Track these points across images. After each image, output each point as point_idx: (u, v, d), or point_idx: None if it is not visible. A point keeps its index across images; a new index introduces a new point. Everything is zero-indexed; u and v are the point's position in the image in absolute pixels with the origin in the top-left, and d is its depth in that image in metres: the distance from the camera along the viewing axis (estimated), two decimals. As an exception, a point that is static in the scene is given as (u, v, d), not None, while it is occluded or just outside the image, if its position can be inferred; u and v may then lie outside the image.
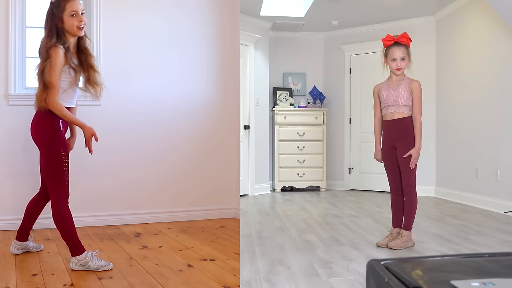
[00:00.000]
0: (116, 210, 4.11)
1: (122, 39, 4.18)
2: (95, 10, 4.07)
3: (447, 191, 6.07)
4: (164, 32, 4.32)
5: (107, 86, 4.10)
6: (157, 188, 4.26)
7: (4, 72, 3.84)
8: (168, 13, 4.34)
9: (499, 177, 4.97)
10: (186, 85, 4.39)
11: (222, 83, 4.55)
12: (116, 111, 4.13)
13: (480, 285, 0.76)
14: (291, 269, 2.70)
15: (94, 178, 4.05)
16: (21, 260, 2.83)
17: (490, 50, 5.17)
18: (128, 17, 4.21)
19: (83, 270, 2.63)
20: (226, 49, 4.58)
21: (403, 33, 3.26)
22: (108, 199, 4.09)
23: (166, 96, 4.31)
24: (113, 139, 4.11)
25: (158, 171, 4.27)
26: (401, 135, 3.25)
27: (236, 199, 4.56)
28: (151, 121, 4.25)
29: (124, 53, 4.18)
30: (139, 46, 4.23)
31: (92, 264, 2.67)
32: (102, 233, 3.71)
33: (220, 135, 4.53)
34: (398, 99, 3.24)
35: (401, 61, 3.22)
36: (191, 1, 4.43)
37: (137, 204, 4.19)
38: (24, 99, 3.86)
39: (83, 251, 2.68)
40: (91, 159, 4.01)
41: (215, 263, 2.84)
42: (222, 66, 4.55)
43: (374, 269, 0.92)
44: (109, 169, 4.10)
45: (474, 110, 5.47)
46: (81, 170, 3.93)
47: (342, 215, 4.79)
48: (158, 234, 3.69)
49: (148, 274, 2.58)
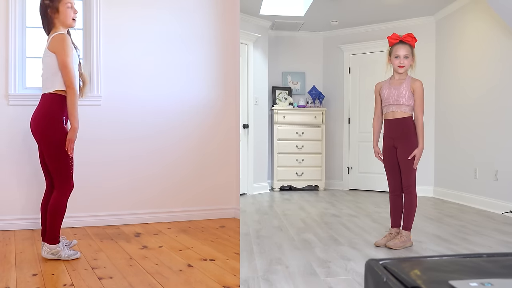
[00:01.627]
0: (116, 210, 4.10)
1: (122, 39, 4.17)
2: (95, 10, 4.06)
3: (446, 191, 6.08)
4: (163, 32, 4.31)
5: (107, 86, 4.13)
6: (157, 188, 4.26)
7: (4, 72, 3.83)
8: (168, 13, 4.34)
9: (498, 178, 4.97)
10: (185, 85, 4.39)
11: (221, 83, 4.54)
12: (116, 111, 4.12)
13: (479, 285, 0.76)
14: (289, 268, 2.71)
15: (94, 178, 4.04)
16: (21, 260, 2.83)
17: (490, 51, 5.18)
18: (128, 16, 4.20)
19: (83, 270, 2.63)
20: (226, 48, 4.58)
21: (409, 33, 3.29)
22: (108, 199, 4.08)
23: (166, 96, 4.31)
24: (113, 139, 4.10)
25: (158, 171, 4.27)
26: (401, 135, 3.24)
27: (236, 199, 4.56)
28: (151, 121, 4.25)
29: (124, 53, 4.17)
30: (138, 45, 4.23)
31: (63, 253, 2.78)
32: (102, 233, 3.70)
33: (220, 135, 4.52)
34: (399, 99, 3.23)
35: (404, 59, 3.23)
36: (191, 0, 4.43)
37: (137, 204, 4.18)
38: (24, 99, 3.85)
39: (58, 243, 2.77)
40: (91, 159, 4.01)
41: (215, 263, 2.83)
42: (222, 66, 4.55)
43: (372, 268, 0.92)
44: (109, 169, 4.10)
45: (473, 110, 5.48)
46: (81, 170, 3.92)
47: (340, 214, 4.79)
48: (158, 234, 3.68)
49: (148, 274, 2.58)
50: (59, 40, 2.69)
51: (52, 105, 2.71)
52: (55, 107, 2.71)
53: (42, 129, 2.71)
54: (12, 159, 3.83)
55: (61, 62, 2.68)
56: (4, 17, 3.84)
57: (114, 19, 4.14)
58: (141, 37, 4.24)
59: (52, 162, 2.74)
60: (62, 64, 2.68)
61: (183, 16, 4.39)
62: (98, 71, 4.05)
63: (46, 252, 2.76)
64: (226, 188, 4.54)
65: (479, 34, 5.40)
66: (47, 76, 2.75)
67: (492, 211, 4.97)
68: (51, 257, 2.76)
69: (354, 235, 3.72)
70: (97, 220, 4.01)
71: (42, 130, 2.71)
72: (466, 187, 5.59)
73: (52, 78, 2.72)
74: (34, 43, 3.95)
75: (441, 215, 4.77)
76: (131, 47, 4.20)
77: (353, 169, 7.25)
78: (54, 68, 2.71)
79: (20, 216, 3.81)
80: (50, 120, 2.71)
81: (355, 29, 7.18)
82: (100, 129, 4.07)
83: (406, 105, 3.23)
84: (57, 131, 2.72)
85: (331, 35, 7.46)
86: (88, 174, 4.02)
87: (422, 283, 0.79)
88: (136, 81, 4.21)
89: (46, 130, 2.71)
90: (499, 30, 4.99)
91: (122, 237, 3.54)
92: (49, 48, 2.71)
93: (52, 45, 2.70)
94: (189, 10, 4.42)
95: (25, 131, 3.85)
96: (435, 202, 5.82)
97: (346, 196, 6.48)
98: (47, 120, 2.71)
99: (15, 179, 3.84)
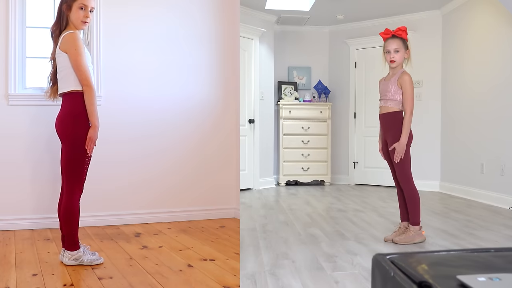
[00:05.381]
0: (116, 210, 4.09)
1: (122, 39, 4.15)
2: (95, 10, 4.04)
3: (452, 186, 6.06)
4: (163, 32, 4.29)
5: (107, 86, 4.11)
6: (157, 188, 4.25)
7: (4, 72, 3.82)
8: (168, 12, 4.31)
9: (504, 172, 4.95)
10: (186, 85, 4.36)
11: (222, 83, 4.52)
12: (116, 111, 4.09)
13: (487, 280, 0.76)
14: (296, 262, 2.71)
15: (94, 178, 4.01)
16: (21, 260, 2.83)
17: (497, 44, 5.14)
18: (128, 16, 4.18)
19: (83, 270, 2.62)
20: (227, 48, 4.55)
21: (401, 26, 3.26)
22: (108, 199, 4.06)
23: (166, 96, 4.29)
24: (113, 139, 4.06)
25: (158, 171, 4.25)
26: (389, 130, 3.27)
27: (236, 199, 4.56)
28: (151, 121, 4.23)
29: (124, 53, 4.15)
30: (138, 45, 4.20)
31: (85, 258, 2.70)
32: (102, 233, 3.70)
33: (220, 136, 4.51)
34: (386, 93, 3.25)
35: (395, 53, 3.20)
36: (192, 0, 4.41)
37: (137, 204, 4.16)
38: (24, 99, 3.85)
39: (78, 248, 2.71)
40: (91, 159, 4.00)
41: (215, 263, 2.83)
42: (222, 66, 4.52)
43: (379, 263, 0.92)
44: (109, 169, 4.07)
45: (480, 104, 5.45)
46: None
47: (346, 209, 4.79)
48: (158, 234, 3.68)
49: (148, 274, 2.58)
50: (70, 39, 2.65)
51: (76, 104, 2.66)
52: (79, 107, 2.66)
53: (67, 128, 2.66)
54: (12, 159, 3.83)
55: (74, 61, 2.64)
56: (4, 17, 3.82)
57: (114, 19, 4.11)
58: (141, 37, 4.21)
59: (68, 162, 2.68)
60: (75, 63, 2.64)
61: (183, 15, 4.37)
62: (98, 71, 4.02)
63: (67, 259, 2.68)
64: (226, 188, 4.52)
65: (486, 28, 5.36)
66: (62, 76, 2.71)
67: (498, 206, 4.95)
68: (73, 263, 2.68)
69: (360, 229, 3.72)
70: (97, 220, 3.98)
71: (67, 129, 2.66)
72: (473, 182, 5.57)
73: (67, 78, 2.68)
74: (34, 43, 3.94)
75: (448, 210, 4.76)
76: (131, 47, 4.18)
77: (359, 164, 7.24)
78: (67, 67, 2.67)
79: (20, 216, 3.81)
80: (75, 119, 2.65)
81: (361, 24, 7.14)
82: (100, 129, 4.04)
83: (392, 100, 3.22)
84: (83, 130, 2.66)
85: (337, 29, 7.43)
86: (88, 174, 3.98)
87: (429, 278, 0.79)
88: (136, 81, 4.19)
89: (71, 129, 2.65)
90: (506, 24, 4.95)
91: (122, 237, 3.54)
92: (61, 47, 2.67)
93: (63, 45, 2.66)
94: (189, 9, 4.39)
95: (25, 131, 3.86)
96: (441, 197, 5.80)
97: (352, 191, 6.48)
98: (72, 118, 2.65)
99: (15, 179, 3.83)
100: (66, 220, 2.68)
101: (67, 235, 2.69)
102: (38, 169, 3.89)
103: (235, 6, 4.61)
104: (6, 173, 3.82)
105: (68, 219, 2.68)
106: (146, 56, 4.23)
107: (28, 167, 3.86)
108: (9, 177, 3.82)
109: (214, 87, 4.49)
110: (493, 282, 0.75)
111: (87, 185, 4.00)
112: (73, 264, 2.68)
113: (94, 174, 4.03)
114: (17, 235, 3.58)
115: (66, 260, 2.69)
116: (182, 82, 4.35)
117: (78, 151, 2.67)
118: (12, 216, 3.78)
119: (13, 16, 3.84)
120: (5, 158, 3.81)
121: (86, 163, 2.73)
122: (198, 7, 4.43)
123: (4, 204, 3.79)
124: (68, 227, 2.68)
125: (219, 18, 4.52)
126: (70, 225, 2.68)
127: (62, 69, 2.69)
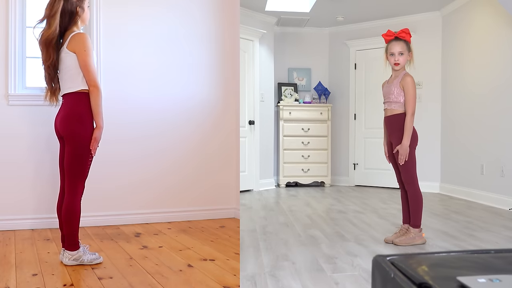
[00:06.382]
0: (116, 210, 4.09)
1: (122, 39, 4.15)
2: (95, 10, 4.04)
3: (452, 188, 6.06)
4: (164, 32, 4.29)
5: (107, 86, 4.11)
6: (157, 188, 4.25)
7: (4, 72, 3.83)
8: (168, 12, 4.32)
9: (505, 174, 4.95)
10: (186, 85, 4.37)
11: (222, 83, 4.53)
12: (116, 111, 4.09)
13: (487, 281, 0.76)
14: (296, 264, 2.71)
15: (94, 178, 4.02)
16: (21, 260, 2.83)
17: (497, 46, 5.14)
18: (128, 16, 4.18)
19: (83, 270, 2.62)
20: (227, 49, 4.56)
21: (404, 29, 3.25)
22: (108, 199, 4.07)
23: (166, 96, 4.29)
24: (113, 139, 4.06)
25: (158, 171, 4.26)
26: (393, 132, 3.26)
27: (236, 199, 4.56)
28: (151, 121, 4.23)
29: (124, 53, 4.15)
30: (138, 45, 4.21)
31: (85, 258, 2.70)
32: (102, 233, 3.70)
33: (221, 136, 4.51)
34: (389, 95, 3.24)
35: (399, 56, 3.20)
36: (192, 0, 4.41)
37: (137, 204, 4.17)
38: (24, 99, 3.86)
39: (79, 248, 2.71)
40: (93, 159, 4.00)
41: (215, 263, 2.83)
42: (222, 66, 4.52)
43: (380, 264, 0.92)
44: (109, 169, 4.08)
45: (480, 105, 5.45)
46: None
47: (346, 210, 4.79)
48: (158, 234, 3.68)
49: (148, 274, 2.58)
50: (81, 40, 2.64)
51: (81, 104, 2.65)
52: (84, 107, 2.65)
53: (72, 128, 2.64)
54: (12, 159, 3.83)
55: (82, 61, 2.63)
56: (4, 17, 3.82)
57: (114, 19, 4.12)
58: (141, 37, 4.21)
59: (71, 162, 2.67)
60: (83, 63, 2.63)
61: (183, 15, 4.37)
62: (98, 71, 4.01)
63: (67, 259, 2.68)
64: (226, 188, 4.52)
65: (486, 29, 5.36)
66: (68, 76, 2.68)
67: (499, 207, 4.94)
68: (73, 263, 2.68)
69: (360, 231, 3.72)
70: (97, 220, 3.98)
71: (73, 129, 2.64)
72: (473, 183, 5.57)
73: (74, 78, 2.66)
74: (34, 43, 3.93)
75: (448, 211, 4.76)
76: (131, 47, 4.18)
77: (359, 165, 7.24)
78: (74, 67, 2.65)
79: (20, 216, 3.81)
80: (80, 119, 2.64)
81: (361, 25, 7.15)
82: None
83: (395, 102, 3.21)
84: (88, 130, 2.66)
85: (337, 31, 7.43)
86: (88, 174, 4.01)
87: (430, 279, 0.79)
88: (136, 81, 4.19)
89: (77, 129, 2.64)
90: (506, 26, 4.95)
91: (122, 237, 3.54)
92: (69, 47, 2.65)
93: (72, 45, 2.64)
94: (189, 9, 4.40)
95: (25, 131, 3.86)
96: (441, 198, 5.80)
97: (352, 192, 6.48)
98: (77, 118, 2.64)
99: (15, 179, 3.83)
100: (67, 220, 2.67)
101: (67, 235, 2.69)
102: (38, 169, 3.89)
103: (235, 7, 4.61)
104: (6, 173, 3.82)
105: (69, 219, 2.67)
106: (146, 57, 4.23)
107: (28, 167, 3.86)
108: (9, 177, 3.82)
109: (214, 88, 4.49)
110: (493, 283, 0.75)
111: (87, 185, 4.02)
112: (73, 264, 2.69)
113: (94, 174, 4.02)
114: (17, 235, 3.58)
115: (66, 260, 2.69)
116: (182, 82, 4.36)
117: (82, 151, 2.67)
118: (12, 216, 3.78)
119: (13, 16, 3.85)
120: (5, 158, 3.81)
121: (89, 164, 2.73)
122: (198, 7, 4.44)
123: (4, 204, 3.79)
124: (69, 227, 2.68)
125: (219, 19, 4.53)
126: (71, 225, 2.68)
127: (69, 69, 2.67)
